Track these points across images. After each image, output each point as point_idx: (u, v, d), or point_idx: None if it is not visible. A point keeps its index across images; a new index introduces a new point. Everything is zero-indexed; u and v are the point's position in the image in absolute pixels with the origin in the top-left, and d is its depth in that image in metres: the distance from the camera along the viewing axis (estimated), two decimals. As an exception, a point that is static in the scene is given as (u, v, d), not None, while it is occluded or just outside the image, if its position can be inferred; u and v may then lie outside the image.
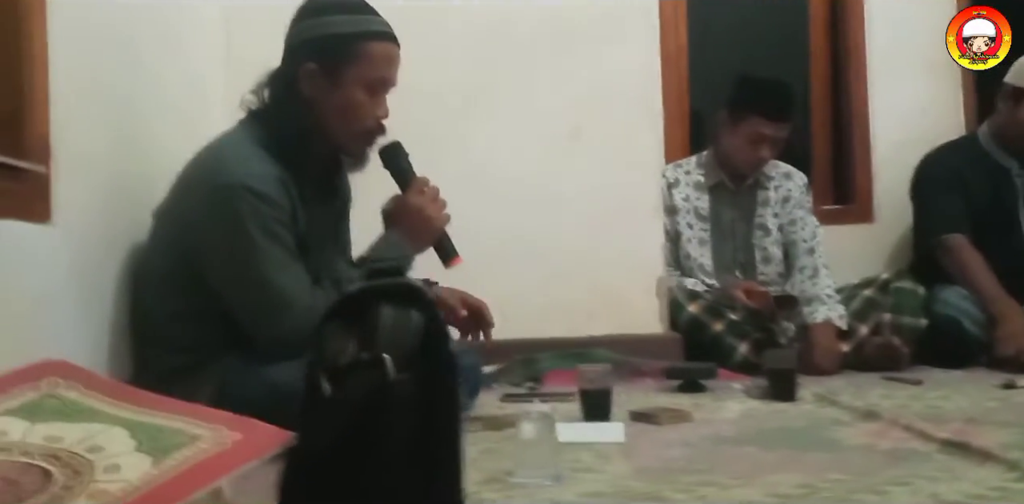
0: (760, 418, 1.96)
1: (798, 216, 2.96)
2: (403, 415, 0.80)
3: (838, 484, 1.33)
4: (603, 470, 1.49)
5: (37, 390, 0.90)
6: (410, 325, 0.83)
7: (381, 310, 0.84)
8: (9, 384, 0.90)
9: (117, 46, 1.85)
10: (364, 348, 0.83)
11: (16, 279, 1.40)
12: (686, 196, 2.97)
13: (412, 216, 1.86)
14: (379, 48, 1.77)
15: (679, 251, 2.95)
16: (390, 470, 0.78)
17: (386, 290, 0.86)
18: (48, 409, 0.86)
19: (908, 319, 2.76)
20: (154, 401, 0.92)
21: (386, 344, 0.81)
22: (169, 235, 1.77)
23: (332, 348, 0.83)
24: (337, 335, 0.85)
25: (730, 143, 2.90)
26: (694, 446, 1.68)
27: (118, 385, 0.96)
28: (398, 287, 0.87)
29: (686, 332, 2.73)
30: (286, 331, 1.66)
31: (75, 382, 0.92)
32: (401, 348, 0.82)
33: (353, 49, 1.75)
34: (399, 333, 0.82)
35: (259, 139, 1.75)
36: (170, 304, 1.75)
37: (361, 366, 0.81)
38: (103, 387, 0.93)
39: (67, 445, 0.81)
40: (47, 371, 0.94)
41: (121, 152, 1.85)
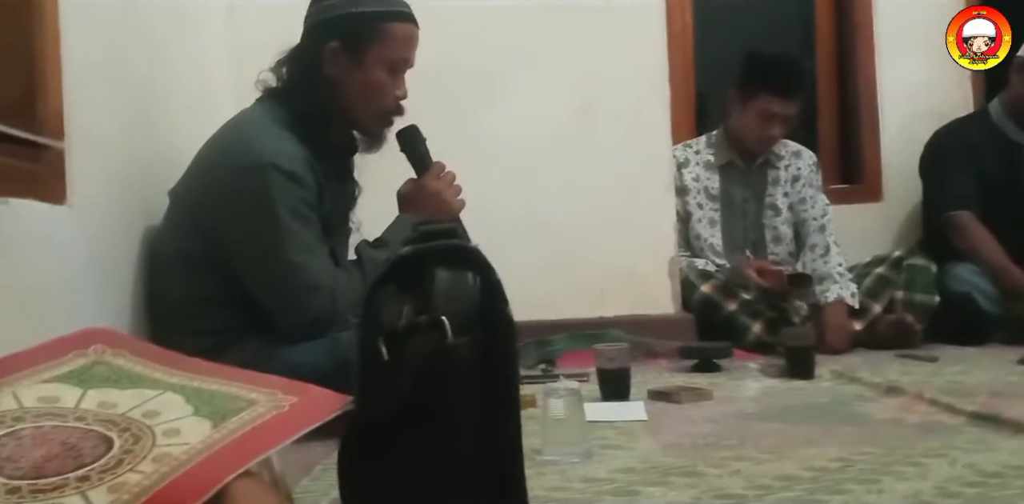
0: (781, 395, 1.95)
1: (808, 195, 2.94)
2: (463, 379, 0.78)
3: (873, 457, 1.32)
4: (631, 447, 1.48)
5: (85, 357, 0.88)
6: (467, 287, 0.81)
7: (436, 272, 0.82)
8: (56, 351, 0.88)
9: (129, 24, 1.82)
10: (420, 311, 0.81)
11: (33, 260, 1.38)
12: (696, 176, 2.95)
13: (429, 200, 1.86)
14: (401, 29, 1.77)
15: (689, 231, 2.93)
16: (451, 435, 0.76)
17: (440, 252, 0.84)
18: (98, 376, 0.85)
19: (920, 296, 2.75)
20: (205, 367, 0.90)
21: (443, 307, 0.79)
22: (189, 215, 1.75)
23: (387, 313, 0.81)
24: (391, 299, 0.82)
25: (740, 121, 2.88)
26: (720, 422, 1.67)
27: (166, 352, 0.94)
28: (452, 248, 0.85)
29: (699, 312, 2.71)
30: (311, 313, 1.66)
31: (122, 349, 0.90)
32: (458, 310, 0.80)
33: (376, 29, 1.75)
34: (456, 295, 0.81)
35: (280, 118, 1.73)
36: (190, 286, 1.73)
37: (420, 330, 0.79)
38: (151, 354, 0.91)
39: (122, 411, 0.79)
40: (94, 338, 0.92)
41: (135, 132, 1.82)
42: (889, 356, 2.50)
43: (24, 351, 0.89)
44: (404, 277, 0.85)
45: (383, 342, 0.79)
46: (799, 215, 2.94)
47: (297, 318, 1.67)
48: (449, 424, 0.79)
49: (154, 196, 1.82)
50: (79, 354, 0.89)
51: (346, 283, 1.71)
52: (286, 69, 1.79)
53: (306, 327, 1.66)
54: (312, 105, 1.74)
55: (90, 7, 1.60)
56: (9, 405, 0.79)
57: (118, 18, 1.76)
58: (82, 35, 1.54)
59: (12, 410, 0.79)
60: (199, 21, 2.38)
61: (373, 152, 1.89)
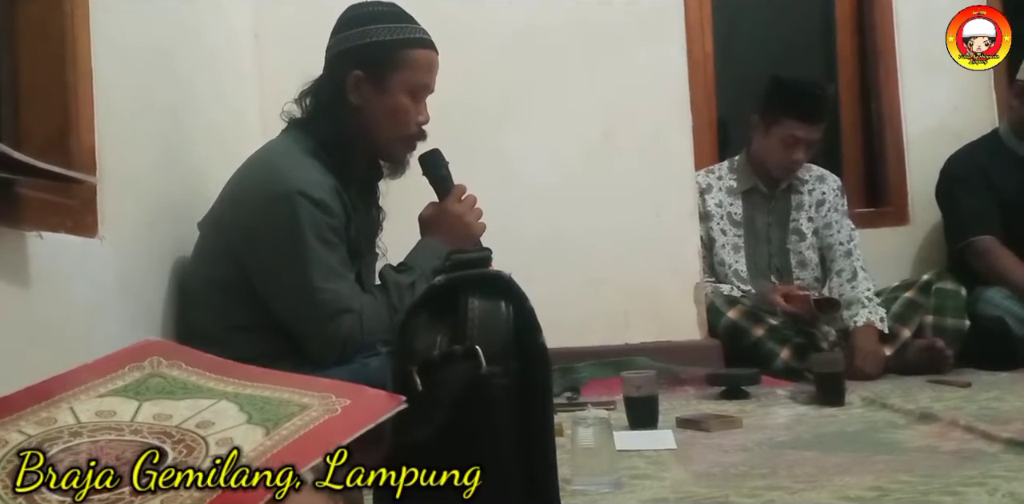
0: (812, 423, 1.92)
1: (833, 219, 2.93)
2: (498, 408, 0.77)
3: (908, 486, 1.30)
4: (662, 477, 1.46)
5: (141, 369, 0.90)
6: (500, 316, 0.81)
7: (470, 301, 0.81)
8: (114, 365, 0.90)
9: (157, 62, 1.85)
10: (455, 341, 0.80)
11: (66, 292, 1.40)
12: (719, 202, 2.94)
13: (451, 223, 1.88)
14: (422, 55, 1.81)
15: (713, 257, 2.92)
16: (488, 463, 0.76)
17: (474, 281, 0.84)
18: (153, 388, 0.86)
19: (951, 320, 2.72)
20: (258, 374, 0.91)
21: (477, 336, 0.79)
22: (219, 244, 1.77)
23: (421, 342, 0.81)
24: (425, 328, 0.82)
25: (763, 146, 2.88)
26: (751, 451, 1.64)
27: (220, 360, 0.95)
28: (485, 277, 0.85)
29: (725, 338, 2.69)
30: (339, 337, 1.68)
31: (177, 360, 0.92)
32: (493, 339, 0.80)
33: (398, 56, 1.78)
34: (490, 324, 0.80)
35: (307, 147, 1.76)
36: (221, 314, 1.75)
37: (454, 359, 0.79)
38: (205, 364, 0.93)
39: (177, 422, 0.80)
40: (150, 351, 0.94)
41: (164, 166, 1.86)
42: (920, 382, 2.46)
43: (83, 366, 0.91)
44: (438, 306, 0.85)
45: (417, 372, 0.79)
46: (825, 240, 2.92)
47: (326, 342, 1.69)
48: (486, 453, 0.78)
49: (184, 228, 1.85)
50: (135, 367, 0.90)
51: (372, 307, 1.73)
52: (310, 99, 1.82)
53: (335, 351, 1.68)
54: (337, 133, 1.78)
55: (121, 44, 1.63)
56: (67, 420, 0.81)
57: (147, 55, 1.80)
58: (113, 72, 1.57)
59: (70, 425, 0.80)
60: (226, 54, 2.41)
61: (396, 177, 1.93)
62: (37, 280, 1.30)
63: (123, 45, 1.65)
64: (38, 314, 1.31)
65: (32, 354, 1.27)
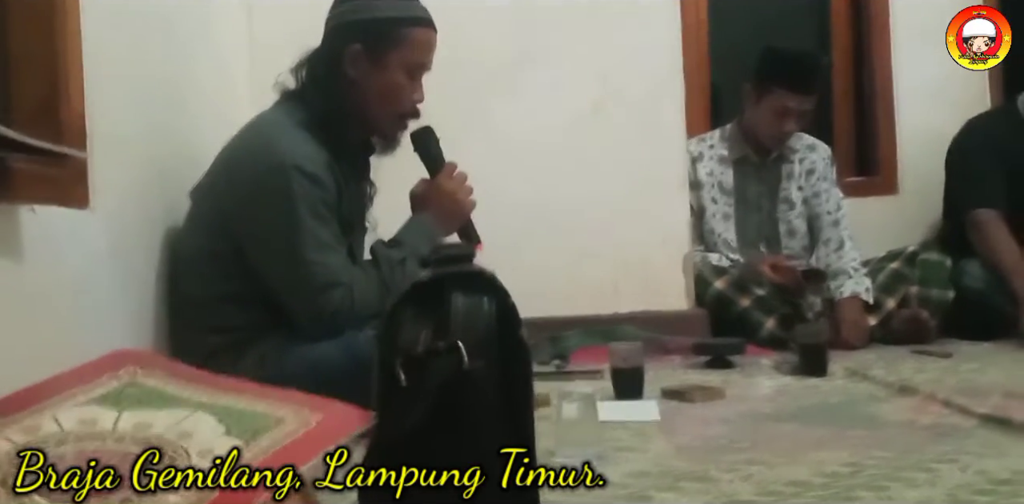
0: (795, 394, 1.96)
1: (822, 189, 2.94)
2: (480, 401, 0.80)
3: (884, 462, 1.33)
4: (644, 449, 1.49)
5: (117, 379, 0.91)
6: (483, 312, 0.83)
7: (454, 297, 0.83)
8: (89, 374, 0.91)
9: (149, 25, 1.83)
10: (438, 335, 0.82)
11: (57, 264, 1.41)
12: (710, 170, 2.94)
13: (442, 200, 1.88)
14: (422, 34, 1.80)
15: (703, 226, 2.93)
16: (469, 455, 0.78)
17: (457, 277, 0.85)
18: (131, 397, 0.87)
19: (935, 291, 2.75)
20: (233, 385, 0.93)
21: (460, 331, 0.81)
22: (210, 215, 1.77)
23: (406, 336, 0.83)
24: (410, 323, 0.84)
25: (755, 116, 2.88)
26: (732, 423, 1.68)
27: (195, 371, 0.96)
28: (469, 274, 0.86)
29: (712, 308, 2.72)
30: (329, 309, 1.68)
31: (153, 369, 0.93)
32: (475, 335, 0.82)
33: (398, 33, 1.77)
34: (472, 320, 0.83)
35: (300, 120, 1.76)
36: (211, 284, 1.75)
37: (438, 354, 0.81)
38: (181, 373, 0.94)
39: (158, 431, 0.81)
40: (125, 360, 0.95)
41: (156, 134, 1.84)
42: (903, 352, 2.50)
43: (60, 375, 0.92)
44: (423, 301, 0.87)
45: (401, 366, 0.81)
46: (813, 209, 2.93)
47: (316, 315, 1.70)
48: (468, 445, 0.80)
49: (175, 196, 1.85)
50: (112, 376, 0.91)
51: (363, 280, 1.74)
52: (306, 70, 1.81)
53: (324, 324, 1.69)
54: (332, 107, 1.77)
55: (111, 10, 1.61)
56: (51, 429, 0.82)
57: (138, 20, 1.77)
58: (103, 38, 1.56)
59: (55, 433, 0.82)
60: (218, 21, 2.38)
61: (388, 154, 1.92)
62: (29, 253, 1.30)
63: (113, 10, 1.62)
64: (30, 286, 1.31)
65: (25, 327, 1.27)
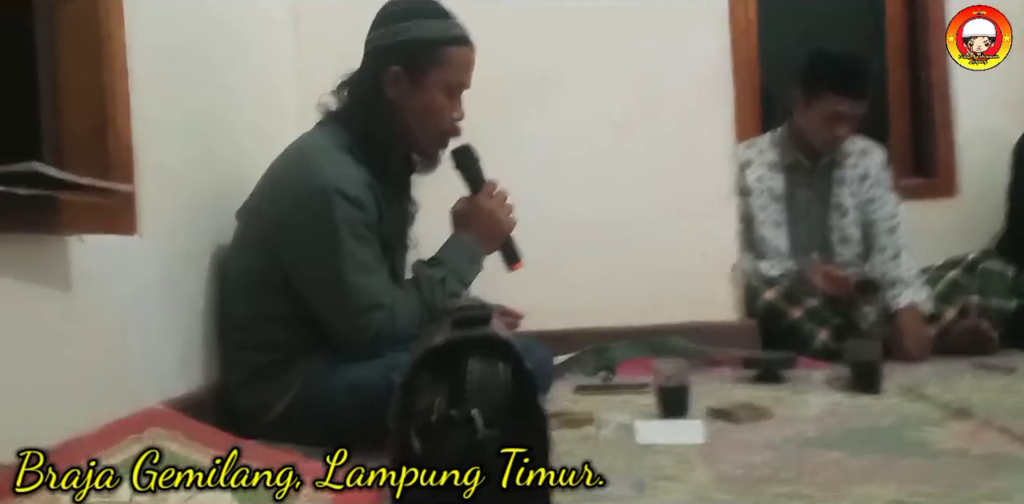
0: (845, 415, 1.90)
1: (877, 194, 2.85)
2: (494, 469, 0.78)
3: (931, 499, 1.28)
4: (686, 480, 1.46)
5: (140, 442, 0.91)
6: (499, 379, 0.82)
7: (470, 363, 0.82)
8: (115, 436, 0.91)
9: (191, 55, 1.86)
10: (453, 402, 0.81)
11: (107, 290, 1.45)
12: (759, 176, 2.88)
13: (482, 218, 1.89)
14: (460, 53, 1.82)
15: (752, 234, 2.87)
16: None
17: (473, 343, 0.84)
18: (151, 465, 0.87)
19: (996, 301, 2.66)
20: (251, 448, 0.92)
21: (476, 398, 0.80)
22: (255, 237, 1.80)
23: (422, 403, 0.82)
24: (425, 389, 0.83)
25: (805, 121, 2.80)
26: (778, 448, 1.63)
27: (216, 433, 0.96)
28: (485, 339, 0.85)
29: (763, 319, 2.66)
30: (370, 331, 1.70)
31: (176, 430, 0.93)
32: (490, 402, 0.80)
33: (437, 54, 1.79)
34: (488, 387, 0.81)
35: (342, 142, 1.78)
36: (257, 304, 1.78)
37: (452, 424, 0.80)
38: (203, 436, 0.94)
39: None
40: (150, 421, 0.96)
41: (201, 158, 1.88)
42: (963, 365, 2.42)
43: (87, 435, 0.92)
44: (440, 365, 0.86)
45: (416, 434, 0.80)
46: (867, 216, 2.85)
47: (357, 337, 1.72)
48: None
49: (222, 218, 1.89)
50: (135, 439, 0.91)
51: (404, 301, 1.76)
52: (347, 93, 1.84)
53: (366, 345, 1.71)
54: (373, 129, 1.80)
55: (157, 41, 1.65)
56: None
57: (182, 48, 1.81)
58: (149, 69, 1.59)
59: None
60: (260, 43, 2.39)
61: (429, 172, 1.94)
62: (78, 282, 1.34)
63: (158, 41, 1.66)
64: (79, 316, 1.36)
65: (75, 356, 1.32)
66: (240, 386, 1.79)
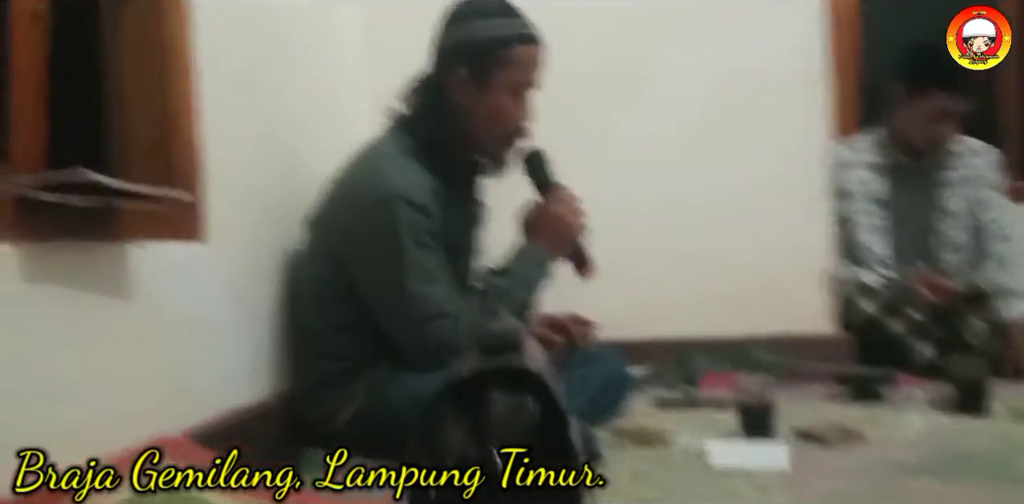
0: (944, 438, 1.76)
1: (987, 197, 2.66)
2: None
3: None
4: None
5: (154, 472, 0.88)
6: (524, 414, 0.74)
7: (493, 397, 0.75)
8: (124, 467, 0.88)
9: (260, 57, 1.84)
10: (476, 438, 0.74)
11: (175, 299, 1.45)
12: (860, 179, 2.70)
13: (553, 224, 1.86)
14: (527, 52, 1.79)
15: (849, 239, 2.70)
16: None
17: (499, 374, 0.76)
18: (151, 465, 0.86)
19: (1122, 314, 2.44)
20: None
21: (499, 434, 0.73)
22: (325, 245, 1.81)
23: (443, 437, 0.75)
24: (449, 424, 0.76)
25: (907, 120, 2.63)
26: (869, 476, 1.52)
27: None
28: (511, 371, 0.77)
29: (860, 332, 2.52)
30: (435, 342, 1.69)
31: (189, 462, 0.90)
32: (514, 439, 0.73)
33: (503, 54, 1.77)
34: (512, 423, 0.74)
35: (408, 148, 1.77)
36: (325, 313, 1.79)
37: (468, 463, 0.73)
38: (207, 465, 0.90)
39: None
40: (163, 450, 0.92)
41: (268, 164, 1.87)
42: (1082, 384, 2.22)
43: None
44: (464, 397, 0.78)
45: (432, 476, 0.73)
46: (976, 220, 2.65)
47: (422, 346, 1.71)
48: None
49: (290, 226, 1.87)
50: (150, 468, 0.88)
51: (469, 311, 1.73)
52: (415, 97, 1.84)
53: (431, 355, 1.68)
54: (439, 134, 1.80)
55: (222, 44, 1.63)
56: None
57: (248, 55, 1.79)
58: (215, 72, 1.57)
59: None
60: (329, 48, 2.36)
61: (498, 175, 1.91)
62: (140, 291, 1.34)
63: (224, 44, 1.64)
64: (142, 325, 1.35)
65: (139, 366, 1.33)
66: (306, 395, 1.79)
